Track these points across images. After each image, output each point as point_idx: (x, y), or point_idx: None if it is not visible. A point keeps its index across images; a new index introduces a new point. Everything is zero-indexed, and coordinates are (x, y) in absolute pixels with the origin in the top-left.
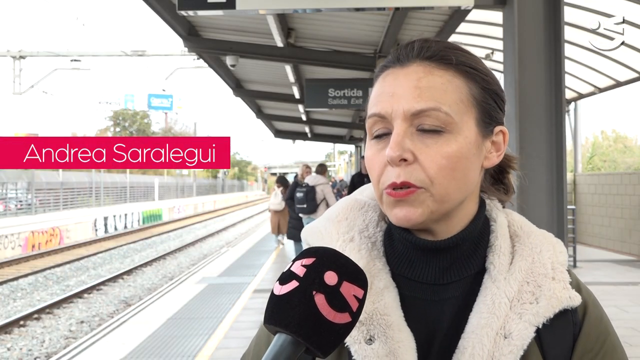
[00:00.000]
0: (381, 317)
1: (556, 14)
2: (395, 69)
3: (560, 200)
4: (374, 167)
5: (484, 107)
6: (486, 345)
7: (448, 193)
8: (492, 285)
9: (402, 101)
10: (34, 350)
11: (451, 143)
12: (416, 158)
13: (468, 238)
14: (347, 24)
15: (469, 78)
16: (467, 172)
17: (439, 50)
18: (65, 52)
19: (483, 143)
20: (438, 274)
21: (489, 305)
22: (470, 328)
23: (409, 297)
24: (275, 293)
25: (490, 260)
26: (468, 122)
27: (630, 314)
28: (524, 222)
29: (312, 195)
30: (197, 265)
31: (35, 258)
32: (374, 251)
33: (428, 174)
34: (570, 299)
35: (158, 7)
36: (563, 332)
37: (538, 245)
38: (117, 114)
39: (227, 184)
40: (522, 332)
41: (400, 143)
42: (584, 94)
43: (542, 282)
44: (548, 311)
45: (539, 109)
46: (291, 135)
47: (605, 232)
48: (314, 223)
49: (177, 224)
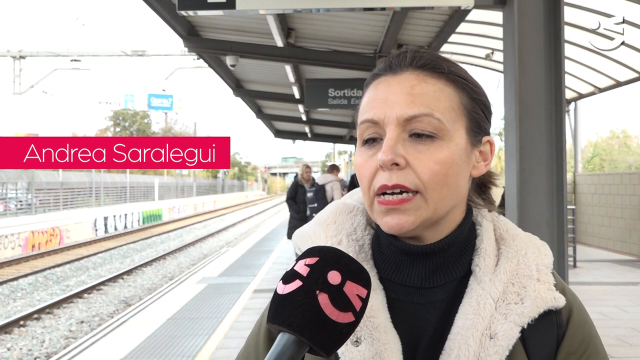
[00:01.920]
0: (368, 319)
1: (556, 14)
2: (387, 76)
3: (560, 200)
4: (365, 173)
5: (474, 117)
6: (472, 346)
7: (441, 199)
8: (477, 287)
9: (395, 107)
10: (34, 350)
11: (443, 149)
12: (408, 163)
13: (454, 243)
14: (347, 24)
15: (459, 87)
16: (458, 178)
17: (431, 60)
18: (65, 52)
19: (472, 152)
20: (424, 278)
21: (474, 306)
22: (456, 329)
23: (395, 300)
24: (278, 292)
25: (476, 263)
26: (459, 130)
27: (630, 314)
28: (510, 225)
29: (322, 194)
30: (197, 265)
31: (35, 258)
32: (361, 254)
33: (421, 179)
34: (555, 299)
35: (158, 7)
36: (547, 333)
37: (523, 247)
38: (117, 114)
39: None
40: (507, 333)
41: (393, 148)
42: (584, 94)
43: (527, 283)
44: (533, 311)
45: (539, 108)
46: (291, 135)
47: (605, 232)
48: (304, 227)
49: (177, 224)
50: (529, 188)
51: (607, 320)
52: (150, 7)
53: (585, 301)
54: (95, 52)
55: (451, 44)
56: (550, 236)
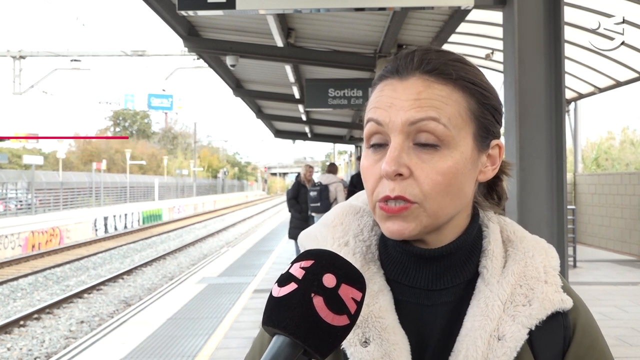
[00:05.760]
0: (376, 320)
1: (556, 14)
2: (393, 80)
3: (560, 200)
4: (369, 178)
5: (482, 122)
6: (480, 347)
7: (442, 208)
8: (485, 289)
9: (400, 112)
10: (34, 350)
11: (447, 159)
12: (412, 173)
13: (461, 247)
14: (347, 24)
15: (467, 93)
16: (462, 187)
17: (439, 64)
18: (65, 52)
19: (479, 157)
20: (431, 281)
21: (482, 308)
22: (465, 331)
23: (402, 302)
24: (273, 295)
25: (484, 265)
26: (465, 137)
27: (630, 314)
28: (517, 227)
29: (326, 194)
30: (197, 265)
31: (35, 258)
32: (368, 255)
33: (422, 189)
34: (563, 301)
35: (158, 7)
36: (554, 334)
37: (531, 249)
38: (117, 114)
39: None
40: (515, 334)
41: (397, 158)
42: (584, 94)
43: (534, 285)
44: (541, 313)
45: (539, 108)
46: (291, 135)
47: (605, 232)
48: (310, 228)
49: (177, 224)
50: (529, 188)
51: (607, 320)
52: (150, 7)
53: (585, 301)
54: (95, 52)
55: (451, 44)
56: (550, 236)
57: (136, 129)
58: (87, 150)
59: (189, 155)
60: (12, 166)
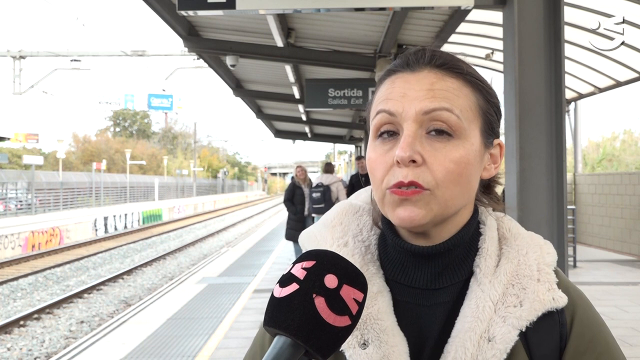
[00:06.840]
0: (375, 322)
1: (556, 14)
2: (405, 73)
3: (560, 200)
4: (378, 168)
5: (488, 118)
6: (469, 349)
7: (452, 197)
8: (477, 289)
9: (414, 102)
10: (34, 350)
11: (459, 148)
12: (425, 161)
13: (460, 243)
14: (347, 24)
15: (475, 88)
16: (471, 178)
17: (449, 60)
18: (65, 52)
19: (484, 154)
20: (430, 280)
21: (473, 309)
22: (455, 332)
23: (401, 302)
24: (275, 295)
25: (477, 263)
26: (474, 130)
27: (630, 314)
28: (513, 224)
29: (329, 195)
30: (197, 265)
31: (35, 258)
32: (367, 255)
33: (435, 176)
34: (554, 300)
35: (158, 7)
36: (549, 331)
37: (524, 247)
38: (117, 114)
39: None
40: (505, 336)
41: (411, 144)
42: (584, 94)
43: (527, 284)
44: (531, 314)
45: (539, 108)
46: (291, 135)
47: (605, 232)
48: (310, 228)
49: (177, 224)
50: (529, 188)
51: (607, 320)
52: (150, 7)
53: None
54: (95, 52)
55: (451, 44)
56: (550, 236)
57: (136, 129)
58: (87, 151)
59: (189, 155)
60: (12, 166)
